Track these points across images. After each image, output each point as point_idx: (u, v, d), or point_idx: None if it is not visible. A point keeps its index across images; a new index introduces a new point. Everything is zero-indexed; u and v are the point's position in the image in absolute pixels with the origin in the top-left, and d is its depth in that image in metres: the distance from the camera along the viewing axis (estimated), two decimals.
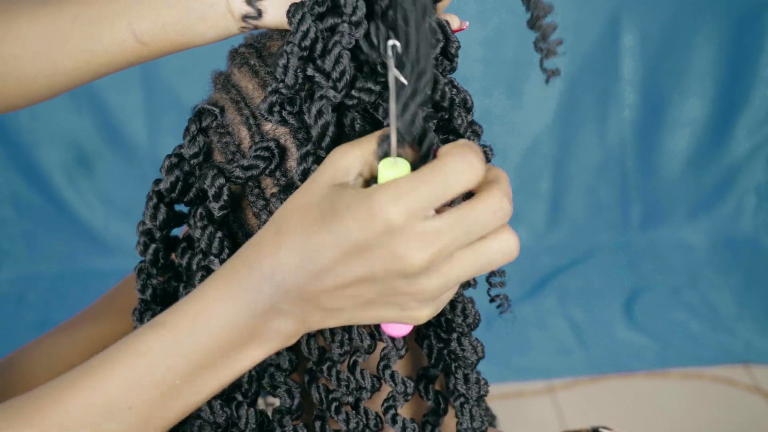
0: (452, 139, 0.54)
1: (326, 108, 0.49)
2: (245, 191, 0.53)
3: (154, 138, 2.13)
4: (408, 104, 0.43)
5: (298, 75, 0.49)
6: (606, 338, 1.96)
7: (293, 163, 0.52)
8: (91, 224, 2.18)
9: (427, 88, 0.43)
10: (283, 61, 0.50)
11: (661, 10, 2.13)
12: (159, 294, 0.59)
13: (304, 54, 0.49)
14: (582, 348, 1.95)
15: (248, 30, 0.54)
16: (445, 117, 0.53)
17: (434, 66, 0.51)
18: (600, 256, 2.20)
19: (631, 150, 2.25)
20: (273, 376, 0.56)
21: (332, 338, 0.54)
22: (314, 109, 0.49)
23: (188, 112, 0.56)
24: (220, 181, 0.52)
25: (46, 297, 2.09)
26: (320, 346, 0.56)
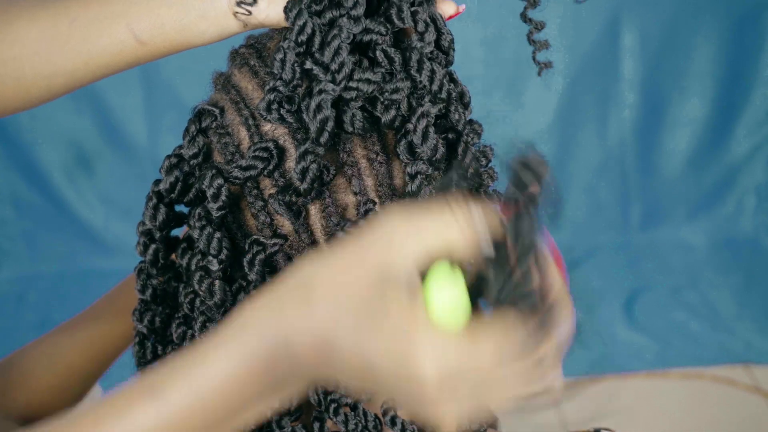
0: (451, 138, 0.54)
1: (325, 103, 0.48)
2: (244, 192, 0.53)
3: (154, 138, 2.13)
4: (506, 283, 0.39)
5: (296, 69, 0.49)
6: (606, 338, 1.96)
7: (292, 163, 0.52)
8: (91, 224, 2.18)
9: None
10: (279, 55, 0.50)
11: (661, 10, 2.13)
12: (159, 294, 0.59)
13: (301, 49, 0.49)
14: (582, 348, 1.94)
15: (247, 28, 0.54)
16: (442, 111, 0.53)
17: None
18: (600, 256, 2.20)
19: (631, 150, 2.25)
20: None
21: None
22: (313, 104, 0.49)
23: (188, 112, 0.56)
24: (219, 182, 0.52)
25: (46, 297, 2.09)
26: None
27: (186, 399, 0.43)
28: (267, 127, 0.53)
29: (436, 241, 0.40)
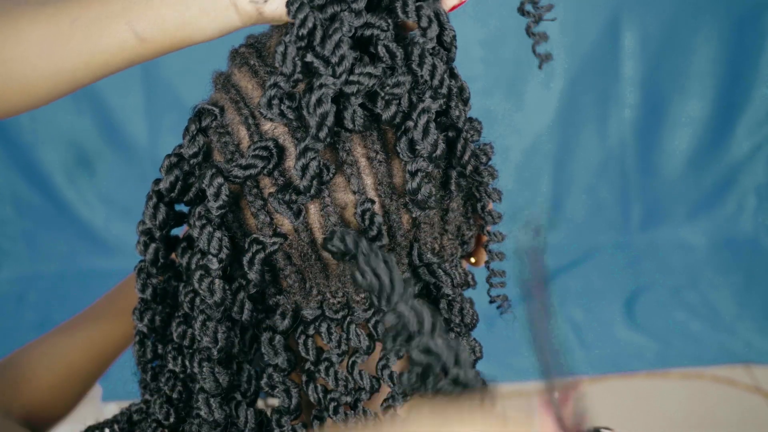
0: (451, 136, 0.54)
1: (326, 97, 0.48)
2: (243, 191, 0.53)
3: (154, 138, 2.13)
4: None
5: (297, 63, 0.49)
6: (606, 338, 1.97)
7: (291, 162, 0.52)
8: (91, 224, 2.18)
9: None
10: (281, 48, 0.50)
11: (662, 10, 2.13)
12: (159, 293, 0.59)
13: (303, 43, 0.49)
14: (582, 348, 1.95)
15: (248, 23, 0.54)
16: (442, 108, 0.53)
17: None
18: (600, 256, 2.20)
19: (631, 150, 2.25)
20: (271, 377, 0.56)
21: (330, 339, 0.54)
22: (313, 98, 0.48)
23: (188, 112, 0.56)
24: (219, 181, 0.52)
25: (46, 297, 2.09)
26: (318, 346, 0.55)
27: None
28: (267, 126, 0.53)
29: None
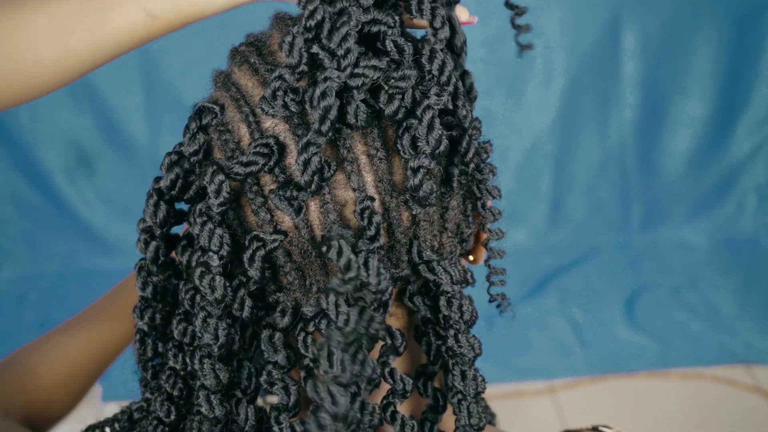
0: (455, 135, 0.54)
1: (330, 90, 0.48)
2: (244, 188, 0.54)
3: (154, 138, 2.13)
4: None
5: (303, 54, 0.49)
6: (606, 338, 1.97)
7: (292, 160, 0.52)
8: (91, 224, 2.18)
9: None
10: (288, 38, 0.50)
11: (662, 10, 2.13)
12: (159, 291, 0.59)
13: (310, 35, 0.49)
14: (582, 348, 1.95)
15: None
16: (446, 106, 0.53)
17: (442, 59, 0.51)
18: (600, 256, 2.20)
19: (631, 150, 2.25)
20: (270, 374, 0.56)
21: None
22: (318, 91, 0.49)
23: (188, 112, 0.56)
24: (220, 178, 0.52)
25: (46, 297, 2.09)
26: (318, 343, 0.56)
27: None
28: (267, 123, 0.53)
29: None
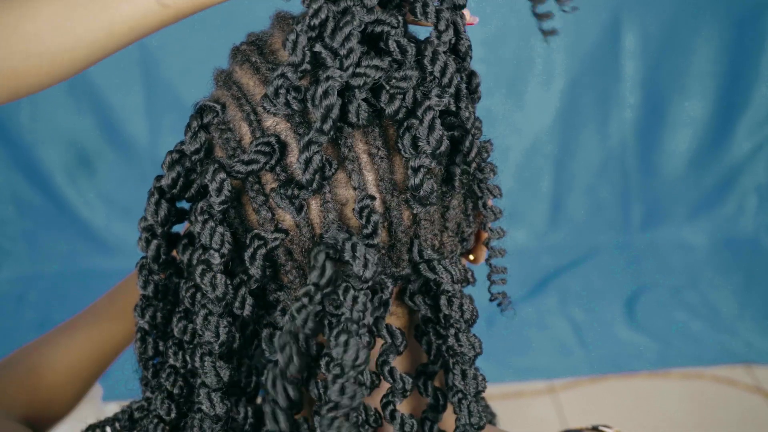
0: (457, 135, 0.54)
1: (332, 89, 0.49)
2: (245, 187, 0.54)
3: (154, 138, 2.13)
4: None
5: (306, 53, 0.50)
6: (607, 338, 1.97)
7: (293, 158, 0.52)
8: (91, 224, 2.18)
9: None
10: (292, 36, 0.50)
11: (662, 10, 2.13)
12: (160, 290, 0.59)
13: (314, 33, 0.49)
14: (583, 348, 1.95)
15: None
16: (447, 106, 0.53)
17: (445, 59, 0.51)
18: (600, 256, 2.20)
19: (631, 150, 2.25)
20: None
21: (331, 334, 0.54)
22: (320, 90, 0.49)
23: (189, 111, 0.56)
24: (221, 176, 0.52)
25: (46, 297, 2.09)
26: (318, 341, 0.56)
27: None
28: (269, 122, 0.53)
29: None
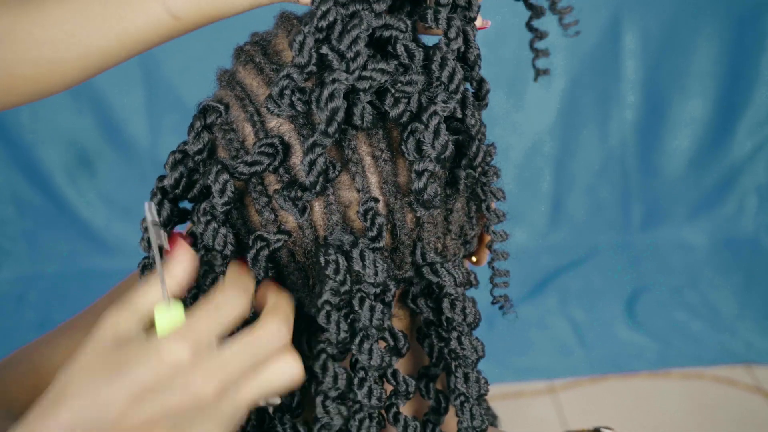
0: (462, 139, 0.54)
1: (338, 92, 0.49)
2: (248, 188, 0.53)
3: (155, 138, 2.13)
4: None
5: (312, 54, 0.49)
6: (607, 338, 1.96)
7: (297, 160, 0.52)
8: (92, 224, 2.18)
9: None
10: (299, 38, 0.50)
11: (662, 10, 2.13)
12: None
13: (321, 35, 0.49)
14: (583, 348, 1.95)
15: None
16: (452, 112, 0.53)
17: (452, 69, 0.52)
18: (601, 256, 2.20)
19: (632, 150, 2.25)
20: None
21: (353, 341, 0.54)
22: (326, 93, 0.49)
23: (189, 112, 0.56)
24: (225, 177, 0.52)
25: (46, 297, 2.09)
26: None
27: None
28: (272, 123, 0.53)
29: (140, 303, 0.48)
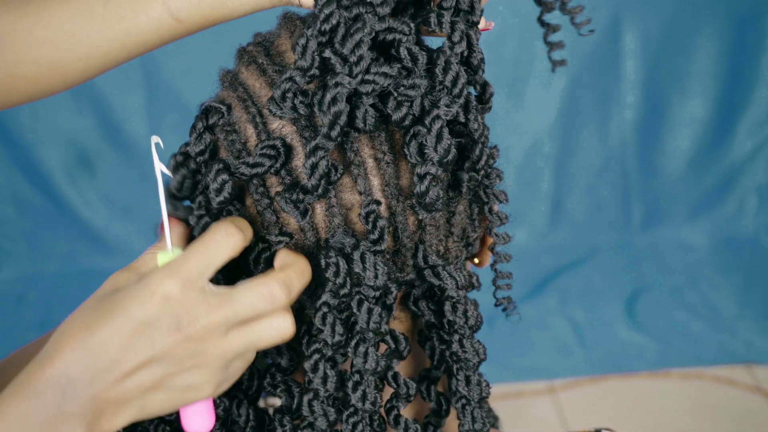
0: (465, 142, 0.54)
1: (340, 96, 0.48)
2: (250, 189, 0.53)
3: None
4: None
5: (315, 57, 0.49)
6: (607, 338, 1.96)
7: (298, 162, 0.52)
8: (91, 224, 2.18)
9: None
10: (302, 41, 0.50)
11: (662, 10, 2.12)
12: None
13: (324, 39, 0.49)
14: (583, 348, 1.94)
15: (279, 3, 0.54)
16: (455, 116, 0.53)
17: (456, 72, 0.52)
18: (601, 256, 2.20)
19: (632, 150, 2.25)
20: (274, 376, 0.56)
21: (348, 344, 0.54)
22: (328, 96, 0.48)
23: (190, 112, 0.56)
24: (224, 177, 0.52)
25: (46, 297, 2.09)
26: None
27: None
28: (274, 125, 0.53)
29: (144, 263, 0.50)
